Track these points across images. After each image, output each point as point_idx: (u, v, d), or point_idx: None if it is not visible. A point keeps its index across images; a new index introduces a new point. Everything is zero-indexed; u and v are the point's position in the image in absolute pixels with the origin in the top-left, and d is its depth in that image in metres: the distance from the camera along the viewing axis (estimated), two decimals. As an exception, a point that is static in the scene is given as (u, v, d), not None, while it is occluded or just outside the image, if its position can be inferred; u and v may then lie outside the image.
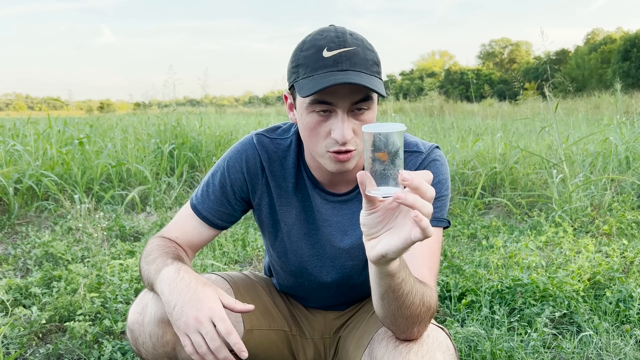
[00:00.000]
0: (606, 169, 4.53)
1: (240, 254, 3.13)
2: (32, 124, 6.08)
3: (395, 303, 0.96)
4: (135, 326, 1.20)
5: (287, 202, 1.30)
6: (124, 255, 2.96)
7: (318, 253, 1.32)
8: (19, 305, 2.27)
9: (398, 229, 0.83)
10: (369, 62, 1.07)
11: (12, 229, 3.74)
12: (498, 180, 4.78)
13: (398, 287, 0.93)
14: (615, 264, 2.48)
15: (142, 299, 1.23)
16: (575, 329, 2.04)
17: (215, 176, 1.32)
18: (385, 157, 0.79)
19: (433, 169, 1.21)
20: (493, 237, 3.30)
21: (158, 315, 1.17)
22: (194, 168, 5.61)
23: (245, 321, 1.34)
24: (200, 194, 1.34)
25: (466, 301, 2.20)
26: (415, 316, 0.99)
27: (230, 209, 1.33)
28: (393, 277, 0.91)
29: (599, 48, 36.26)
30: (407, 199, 0.75)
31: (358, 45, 1.07)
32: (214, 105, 10.88)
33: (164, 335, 1.17)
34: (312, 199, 1.28)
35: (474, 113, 8.53)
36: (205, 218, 1.32)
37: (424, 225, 0.75)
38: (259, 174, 1.30)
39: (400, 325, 1.01)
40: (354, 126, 1.09)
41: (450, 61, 58.69)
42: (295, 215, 1.30)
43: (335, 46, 1.05)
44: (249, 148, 1.30)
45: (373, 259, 0.86)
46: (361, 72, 1.05)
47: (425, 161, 1.22)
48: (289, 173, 1.28)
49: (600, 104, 9.64)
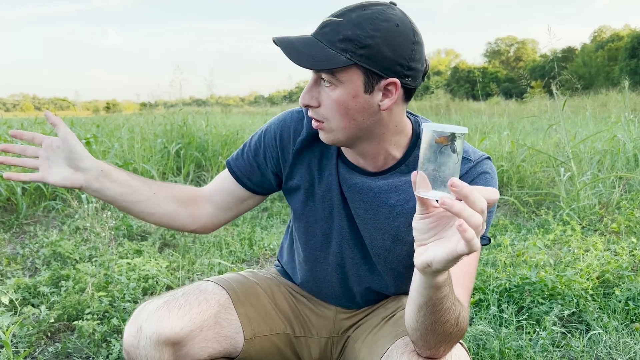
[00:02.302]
0: (614, 166, 4.51)
1: (247, 252, 3.13)
2: (39, 125, 6.11)
3: (432, 317, 0.92)
4: (131, 349, 1.17)
5: (321, 172, 1.26)
6: (131, 254, 2.97)
7: (348, 225, 1.27)
8: (28, 304, 2.28)
9: (447, 239, 0.79)
10: (340, 36, 1.02)
11: (21, 229, 3.77)
12: (505, 178, 4.77)
13: (439, 302, 0.89)
14: (625, 262, 2.47)
15: (136, 319, 1.18)
16: (585, 328, 2.03)
17: (253, 139, 1.32)
18: (440, 158, 0.75)
19: (482, 183, 1.12)
20: (500, 235, 3.28)
21: (154, 338, 1.14)
22: (201, 168, 5.62)
23: (246, 330, 1.30)
24: (237, 153, 1.34)
25: (474, 300, 2.19)
26: (447, 334, 0.96)
27: (259, 174, 1.31)
28: (437, 290, 0.87)
29: (605, 46, 36.02)
30: (454, 206, 0.71)
31: (351, 19, 1.03)
32: (219, 105, 10.90)
33: (161, 357, 1.15)
34: (340, 172, 1.24)
35: (481, 111, 8.50)
36: (236, 176, 1.31)
37: (468, 237, 0.71)
38: (293, 144, 1.27)
39: (429, 341, 0.97)
40: (323, 98, 1.08)
41: (456, 60, 58.50)
42: (326, 186, 1.26)
43: (333, 15, 1.06)
44: (288, 118, 1.29)
45: (419, 267, 0.83)
46: (319, 40, 1.04)
47: (473, 171, 1.14)
48: (323, 146, 1.26)
49: (607, 102, 9.58)
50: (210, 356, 1.25)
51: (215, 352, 1.25)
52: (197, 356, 1.22)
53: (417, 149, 1.20)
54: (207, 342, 1.23)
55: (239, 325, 1.29)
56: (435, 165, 0.75)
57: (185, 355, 1.20)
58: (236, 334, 1.29)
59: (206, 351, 1.23)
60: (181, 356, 1.19)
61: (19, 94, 55.65)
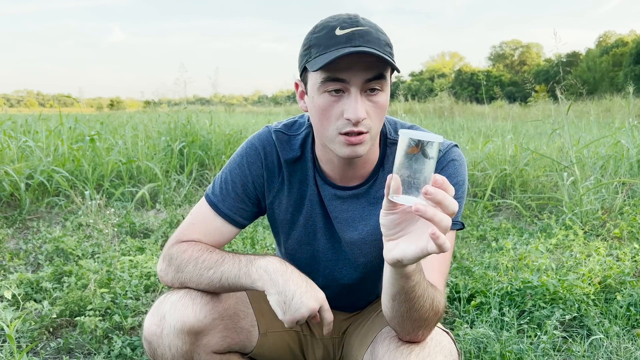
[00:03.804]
0: (617, 172, 4.50)
1: (249, 252, 3.13)
2: (43, 121, 6.13)
3: (406, 305, 0.95)
4: (154, 338, 1.17)
5: (302, 198, 1.28)
6: (133, 251, 2.97)
7: (332, 248, 1.31)
8: (30, 299, 2.29)
9: (416, 236, 0.83)
10: (382, 42, 1.06)
11: (24, 224, 3.78)
12: (508, 182, 4.76)
13: (411, 290, 0.93)
14: (627, 268, 2.46)
15: (158, 309, 1.18)
16: (586, 333, 2.03)
17: (233, 172, 1.28)
18: (415, 165, 0.78)
19: (451, 170, 1.18)
20: (503, 239, 3.28)
21: (178, 326, 1.15)
22: (204, 166, 5.63)
23: (260, 325, 1.33)
24: (219, 191, 1.28)
25: (475, 303, 2.19)
26: (423, 320, 0.99)
27: (250, 205, 1.29)
28: (408, 279, 0.90)
29: (610, 51, 35.95)
30: (427, 212, 0.75)
31: (371, 27, 1.06)
32: (223, 104, 10.90)
33: (183, 346, 1.16)
34: (322, 194, 1.26)
35: (484, 115, 8.49)
36: (228, 216, 1.27)
37: (440, 242, 0.76)
38: (275, 171, 1.27)
39: (407, 327, 1.01)
40: (368, 107, 1.06)
41: (460, 62, 58.48)
42: (309, 210, 1.28)
43: (347, 25, 1.05)
44: (267, 144, 1.27)
45: (389, 262, 0.87)
46: (374, 48, 1.03)
47: (443, 160, 1.18)
48: (303, 169, 1.27)
49: (611, 107, 9.56)
50: (229, 347, 1.27)
51: (233, 343, 1.28)
52: (218, 346, 1.24)
53: (387, 148, 1.23)
54: (227, 331, 1.25)
55: (254, 320, 1.32)
56: (411, 172, 0.78)
57: (206, 345, 1.21)
58: (252, 328, 1.32)
59: (226, 341, 1.25)
60: (202, 345, 1.21)
61: (23, 90, 55.88)
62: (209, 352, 1.23)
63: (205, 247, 1.23)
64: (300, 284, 1.09)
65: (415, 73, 49.93)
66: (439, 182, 0.77)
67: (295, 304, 1.07)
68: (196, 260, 1.19)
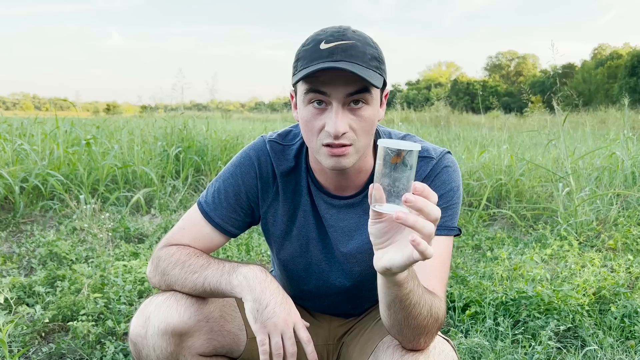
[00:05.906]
0: (612, 183, 4.52)
1: (244, 258, 3.12)
2: (39, 124, 6.11)
3: (402, 313, 0.95)
4: (138, 339, 1.17)
5: (295, 209, 1.28)
6: (128, 256, 2.96)
7: (326, 259, 1.30)
8: (23, 303, 2.28)
9: (403, 244, 0.83)
10: (367, 56, 1.05)
11: (17, 228, 3.75)
12: (503, 192, 4.77)
13: (405, 298, 0.92)
14: (621, 279, 2.47)
15: (143, 310, 1.19)
16: (580, 344, 2.03)
17: (227, 182, 1.28)
18: (394, 174, 0.79)
19: (445, 177, 1.18)
20: (498, 248, 3.29)
21: (162, 327, 1.15)
22: (200, 172, 5.62)
23: (248, 329, 1.32)
24: (211, 200, 1.28)
25: (470, 312, 2.19)
26: (422, 327, 0.98)
27: (242, 215, 1.29)
28: (400, 287, 0.90)
29: (605, 63, 36.22)
30: (407, 220, 0.76)
31: (358, 40, 1.06)
32: (220, 110, 10.91)
33: (167, 347, 1.16)
34: (317, 204, 1.27)
35: (480, 124, 8.53)
36: (219, 225, 1.27)
37: (422, 249, 0.76)
38: (270, 182, 1.27)
39: (407, 335, 1.00)
40: (351, 121, 1.06)
41: (456, 72, 58.78)
42: (303, 221, 1.28)
43: (333, 39, 1.05)
44: (261, 155, 1.27)
45: (379, 270, 0.87)
46: (356, 63, 1.03)
47: (437, 168, 1.19)
48: (298, 179, 1.27)
49: (606, 119, 9.63)
50: (215, 349, 1.26)
51: (219, 346, 1.27)
52: (203, 348, 1.23)
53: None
54: (212, 333, 1.24)
55: (242, 324, 1.32)
56: (390, 180, 0.80)
57: (191, 347, 1.21)
58: (239, 331, 1.31)
59: (211, 343, 1.25)
60: (187, 347, 1.20)
61: (19, 92, 55.76)
62: (195, 354, 1.22)
63: (193, 252, 1.23)
64: (277, 295, 1.09)
65: (412, 82, 50.15)
66: (419, 189, 0.78)
67: (267, 312, 1.07)
68: (183, 263, 1.20)
